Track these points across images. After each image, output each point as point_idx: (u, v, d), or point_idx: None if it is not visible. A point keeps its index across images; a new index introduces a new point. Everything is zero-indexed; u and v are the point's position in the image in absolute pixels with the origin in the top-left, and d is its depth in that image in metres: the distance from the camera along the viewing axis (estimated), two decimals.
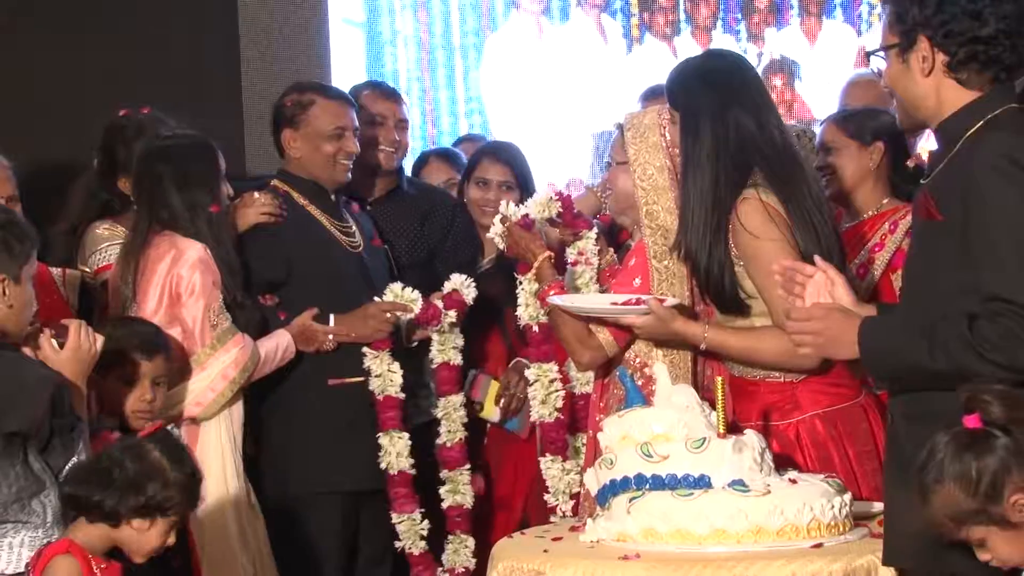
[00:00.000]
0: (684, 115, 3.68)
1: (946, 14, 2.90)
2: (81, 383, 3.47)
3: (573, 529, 3.59)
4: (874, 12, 6.94)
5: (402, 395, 4.45)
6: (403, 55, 6.93)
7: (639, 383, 3.75)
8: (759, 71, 6.59)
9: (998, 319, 2.76)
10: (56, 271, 4.27)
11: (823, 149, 4.40)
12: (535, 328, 4.24)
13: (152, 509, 3.17)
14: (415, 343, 4.58)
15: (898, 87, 3.00)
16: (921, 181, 3.05)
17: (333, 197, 4.63)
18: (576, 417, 4.38)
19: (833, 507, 3.27)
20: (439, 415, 4.50)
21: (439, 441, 4.50)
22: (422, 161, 5.54)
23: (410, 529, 4.45)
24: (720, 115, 3.63)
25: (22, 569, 3.22)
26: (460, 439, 4.49)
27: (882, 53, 3.01)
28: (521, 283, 4.16)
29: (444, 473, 4.51)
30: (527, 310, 4.20)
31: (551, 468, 4.32)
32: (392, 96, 5.02)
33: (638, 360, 3.84)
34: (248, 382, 4.25)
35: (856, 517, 3.36)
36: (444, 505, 4.51)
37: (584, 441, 4.17)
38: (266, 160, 6.01)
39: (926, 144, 4.64)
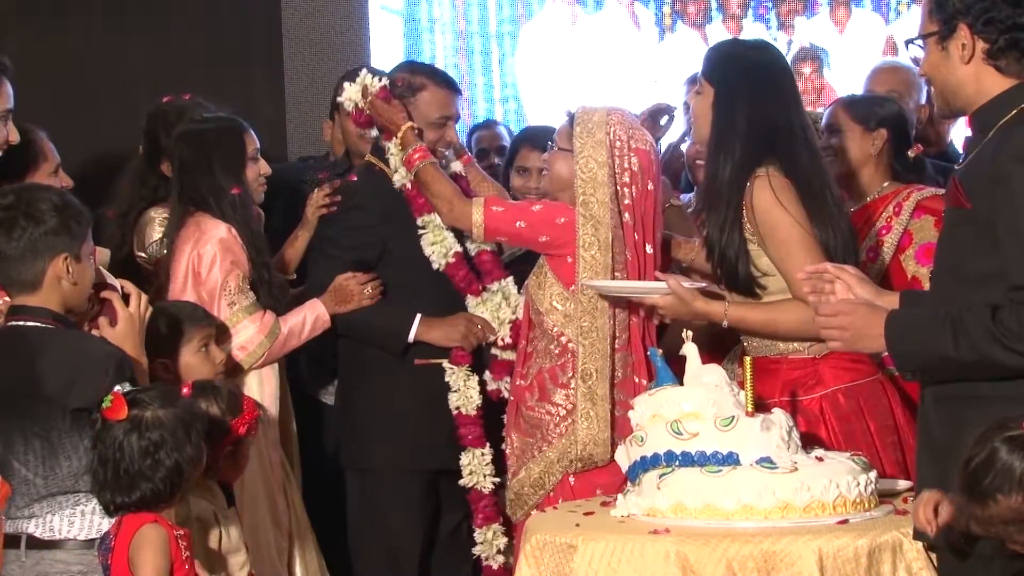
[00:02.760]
0: (721, 93, 3.72)
1: (987, 1, 2.88)
2: (139, 354, 3.49)
3: (604, 504, 3.60)
4: (902, 1, 6.90)
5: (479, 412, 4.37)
6: (440, 42, 6.93)
7: (556, 351, 3.97)
8: (789, 59, 6.61)
9: (1021, 309, 2.75)
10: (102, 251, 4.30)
11: (829, 130, 4.40)
12: (408, 186, 4.32)
13: (193, 460, 3.21)
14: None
15: (937, 75, 2.98)
16: (955, 167, 3.04)
17: None
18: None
19: (859, 484, 3.27)
20: None
21: None
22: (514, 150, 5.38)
23: (490, 542, 4.38)
24: (756, 102, 3.67)
25: (94, 535, 3.27)
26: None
27: (920, 41, 2.99)
28: (389, 148, 4.31)
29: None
30: (397, 174, 4.32)
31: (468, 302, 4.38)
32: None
33: (556, 329, 4.02)
34: (274, 357, 4.23)
35: (881, 494, 3.35)
36: None
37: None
38: (308, 143, 6.04)
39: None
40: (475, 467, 4.34)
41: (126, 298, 3.52)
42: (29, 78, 4.25)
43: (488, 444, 4.35)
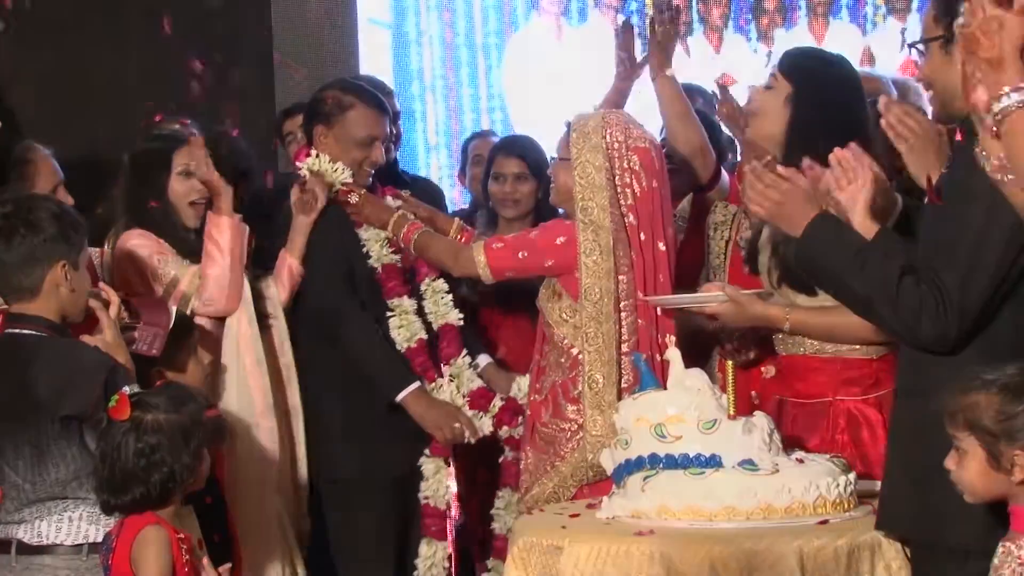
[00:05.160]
0: (803, 89, 3.70)
1: None
2: (128, 360, 3.47)
3: (590, 507, 3.59)
4: (878, 13, 6.91)
5: (448, 508, 4.35)
6: (428, 53, 6.93)
7: (566, 365, 3.93)
8: (768, 69, 6.61)
9: (923, 286, 2.80)
10: (94, 251, 4.26)
11: None
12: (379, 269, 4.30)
13: (188, 468, 3.18)
14: None
15: (938, 79, 2.97)
16: (943, 170, 3.05)
17: None
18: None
19: (838, 485, 3.27)
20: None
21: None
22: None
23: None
24: (839, 102, 3.66)
25: (81, 541, 3.26)
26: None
27: (922, 45, 2.99)
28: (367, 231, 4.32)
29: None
30: (379, 257, 4.31)
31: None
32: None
33: (565, 342, 3.98)
34: (223, 280, 4.09)
35: (860, 495, 3.35)
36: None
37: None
38: None
39: None
40: (436, 560, 4.32)
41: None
42: (23, 87, 4.25)
43: (448, 539, 4.34)
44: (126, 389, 3.19)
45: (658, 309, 3.95)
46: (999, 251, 2.78)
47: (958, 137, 3.01)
